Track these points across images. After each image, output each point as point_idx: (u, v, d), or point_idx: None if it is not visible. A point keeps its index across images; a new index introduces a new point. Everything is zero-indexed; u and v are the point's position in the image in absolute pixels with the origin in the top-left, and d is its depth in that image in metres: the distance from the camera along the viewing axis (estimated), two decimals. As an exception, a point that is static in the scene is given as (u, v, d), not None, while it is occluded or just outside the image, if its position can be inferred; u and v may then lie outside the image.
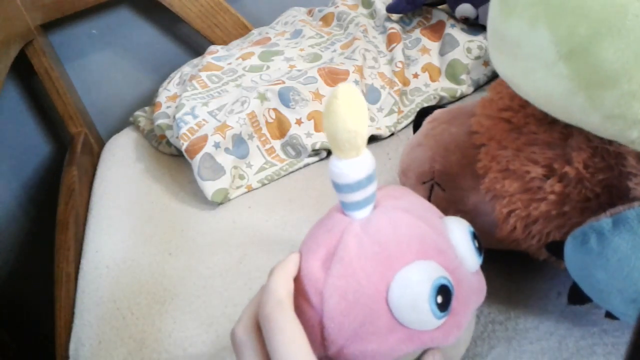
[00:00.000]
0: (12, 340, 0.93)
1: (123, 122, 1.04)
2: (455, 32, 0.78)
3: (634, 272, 0.29)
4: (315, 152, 0.72)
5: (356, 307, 0.29)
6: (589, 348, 0.37)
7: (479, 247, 0.33)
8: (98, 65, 1.03)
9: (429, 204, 0.35)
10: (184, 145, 0.69)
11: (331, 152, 0.77)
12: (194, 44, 1.06)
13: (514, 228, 0.38)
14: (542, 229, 0.37)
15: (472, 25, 0.79)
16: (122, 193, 0.75)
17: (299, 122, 0.72)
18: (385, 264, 0.30)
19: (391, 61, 0.79)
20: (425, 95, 0.76)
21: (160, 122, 0.80)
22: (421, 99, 0.76)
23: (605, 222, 0.30)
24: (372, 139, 0.73)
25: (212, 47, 0.90)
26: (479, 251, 0.33)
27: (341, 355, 0.30)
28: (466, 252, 0.32)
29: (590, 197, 0.35)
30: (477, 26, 0.79)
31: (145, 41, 1.04)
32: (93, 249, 0.65)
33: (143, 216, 0.68)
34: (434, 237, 0.31)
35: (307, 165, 0.72)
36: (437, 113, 0.48)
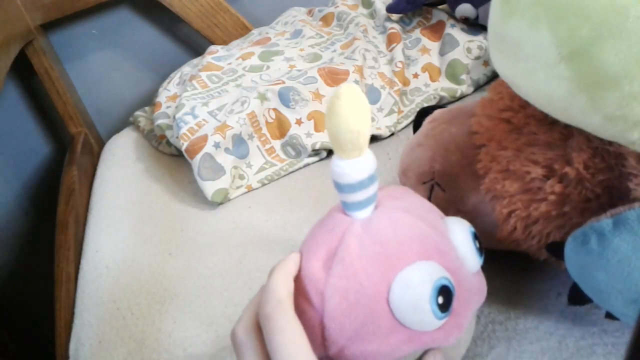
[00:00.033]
0: (12, 340, 0.93)
1: (123, 122, 1.04)
2: (455, 32, 0.78)
3: (634, 272, 0.29)
4: (315, 152, 0.72)
5: (357, 307, 0.29)
6: (589, 348, 0.37)
7: (479, 248, 0.33)
8: (98, 65, 1.03)
9: (430, 204, 0.35)
10: (184, 145, 0.69)
11: (331, 152, 0.77)
12: (194, 44, 1.06)
13: (514, 228, 0.38)
14: (543, 229, 0.37)
15: (472, 25, 0.79)
16: (122, 193, 0.75)
17: (299, 122, 0.72)
18: (386, 264, 0.30)
19: (391, 61, 0.79)
20: (425, 95, 0.76)
21: (160, 122, 0.80)
22: (421, 99, 0.76)
23: (605, 222, 0.30)
24: (372, 139, 0.73)
25: (212, 47, 0.90)
26: (480, 252, 0.33)
27: (342, 355, 0.30)
28: (467, 252, 0.32)
29: (590, 198, 0.35)
30: (477, 26, 0.79)
31: (145, 41, 1.04)
32: (93, 249, 0.65)
33: (143, 216, 0.68)
34: (435, 237, 0.31)
35: (307, 165, 0.72)
36: (437, 113, 0.48)
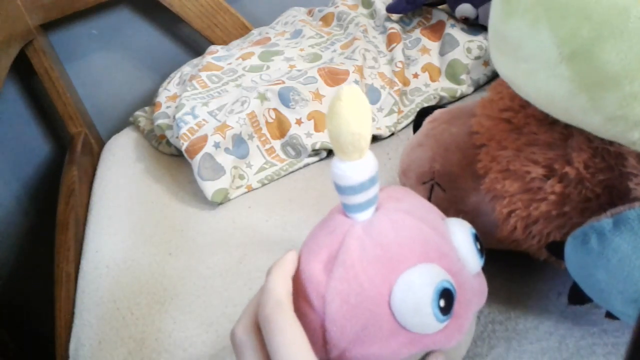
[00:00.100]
0: (12, 340, 0.93)
1: (123, 122, 1.04)
2: (455, 32, 0.78)
3: (634, 272, 0.29)
4: (315, 152, 0.72)
5: (358, 310, 0.29)
6: (589, 348, 0.37)
7: (480, 249, 0.33)
8: (98, 65, 1.02)
9: (431, 205, 0.35)
10: (184, 145, 0.69)
11: (331, 152, 0.77)
12: (194, 44, 1.06)
13: (514, 228, 0.38)
14: (543, 229, 0.37)
15: (472, 25, 0.79)
16: (122, 193, 0.75)
17: (299, 122, 0.72)
18: (387, 267, 0.29)
19: (391, 61, 0.79)
20: (425, 95, 0.76)
21: (160, 122, 0.80)
22: (421, 99, 0.76)
23: (605, 222, 0.30)
24: (372, 139, 0.73)
25: (212, 47, 0.90)
26: (481, 253, 0.33)
27: (343, 358, 0.30)
28: (468, 254, 0.32)
29: (590, 198, 0.35)
30: (477, 26, 0.79)
31: (145, 41, 1.04)
32: (93, 249, 0.65)
33: (143, 216, 0.68)
34: (437, 239, 0.31)
35: (307, 165, 0.72)
36: (437, 113, 0.48)
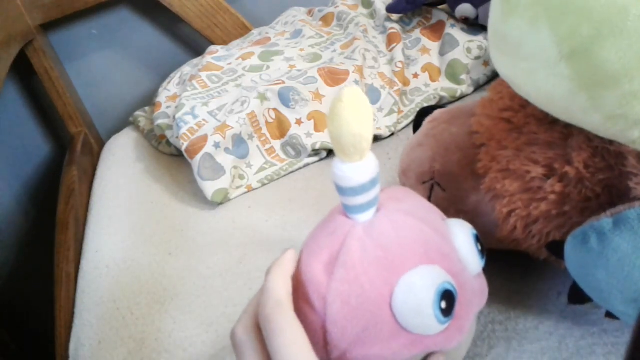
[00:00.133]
0: (12, 340, 0.93)
1: (123, 122, 1.04)
2: (455, 32, 0.78)
3: (634, 271, 0.29)
4: (315, 152, 0.72)
5: (359, 312, 0.29)
6: (589, 348, 0.37)
7: (481, 250, 0.33)
8: (98, 65, 1.03)
9: (432, 206, 0.35)
10: (184, 145, 0.69)
11: (331, 152, 0.77)
12: (194, 44, 1.06)
13: (515, 228, 0.38)
14: (543, 228, 0.37)
15: (472, 25, 0.79)
16: (122, 193, 0.75)
17: (299, 122, 0.72)
18: (388, 268, 0.29)
19: (391, 61, 0.79)
20: (425, 95, 0.76)
21: (160, 122, 0.80)
22: (421, 99, 0.76)
23: (605, 221, 0.30)
24: (372, 139, 0.72)
25: (212, 47, 0.90)
26: (482, 254, 0.33)
27: (344, 359, 0.30)
28: (469, 255, 0.32)
29: (590, 197, 0.35)
30: (477, 26, 0.79)
31: (145, 41, 1.04)
32: (93, 249, 0.65)
33: (143, 216, 0.68)
34: (438, 240, 0.31)
35: (307, 165, 0.72)
36: (437, 113, 0.48)
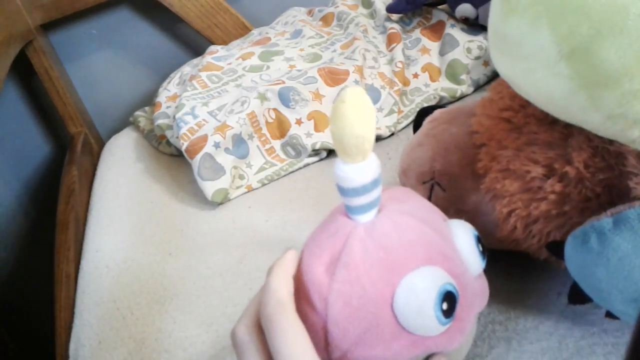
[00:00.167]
0: (12, 340, 0.93)
1: (123, 122, 1.04)
2: (455, 32, 0.78)
3: (634, 271, 0.29)
4: (315, 152, 0.72)
5: (361, 312, 0.29)
6: (589, 348, 0.37)
7: (482, 251, 0.33)
8: (98, 65, 1.03)
9: (433, 206, 0.35)
10: (184, 145, 0.69)
11: (331, 152, 0.76)
12: (194, 44, 1.06)
13: (515, 228, 0.38)
14: (543, 228, 0.37)
15: (472, 25, 0.79)
16: (122, 193, 0.75)
17: (299, 122, 0.72)
18: (390, 269, 0.29)
19: (391, 61, 0.79)
20: (425, 95, 0.76)
21: (160, 122, 0.80)
22: (421, 99, 0.76)
23: (606, 221, 0.30)
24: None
25: (212, 47, 0.90)
26: (483, 255, 0.33)
27: None
28: (470, 256, 0.32)
29: (590, 197, 0.35)
30: (477, 26, 0.79)
31: (145, 41, 1.04)
32: (93, 249, 0.65)
33: (143, 216, 0.68)
34: (440, 241, 0.31)
35: (307, 165, 0.72)
36: (437, 113, 0.48)
